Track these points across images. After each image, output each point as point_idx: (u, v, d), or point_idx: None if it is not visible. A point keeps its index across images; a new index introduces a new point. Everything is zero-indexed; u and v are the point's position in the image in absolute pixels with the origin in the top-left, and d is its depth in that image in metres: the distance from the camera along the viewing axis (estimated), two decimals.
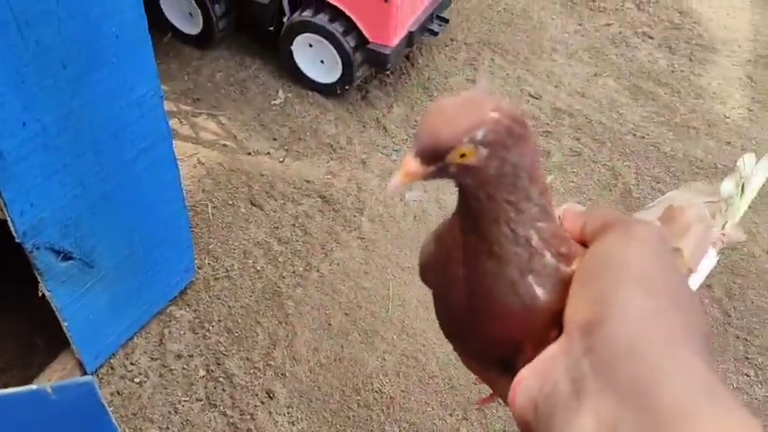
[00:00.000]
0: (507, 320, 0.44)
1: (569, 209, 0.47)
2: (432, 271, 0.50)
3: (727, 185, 0.79)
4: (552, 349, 0.40)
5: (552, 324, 0.43)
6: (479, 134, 0.39)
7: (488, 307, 0.45)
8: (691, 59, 2.99)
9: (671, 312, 0.37)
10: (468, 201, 0.43)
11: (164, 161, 1.60)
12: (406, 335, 1.90)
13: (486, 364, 0.50)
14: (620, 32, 3.11)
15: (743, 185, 0.79)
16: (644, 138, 2.58)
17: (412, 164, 0.40)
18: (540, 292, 0.43)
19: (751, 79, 2.93)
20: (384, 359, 1.85)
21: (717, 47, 3.08)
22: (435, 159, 0.40)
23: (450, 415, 1.75)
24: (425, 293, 1.98)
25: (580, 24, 3.14)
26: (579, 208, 0.47)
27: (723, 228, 0.77)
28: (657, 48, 3.05)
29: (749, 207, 0.81)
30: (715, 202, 0.77)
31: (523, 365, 0.42)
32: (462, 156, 0.39)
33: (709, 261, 0.74)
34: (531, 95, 2.71)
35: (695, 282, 0.71)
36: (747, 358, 1.93)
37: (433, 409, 1.76)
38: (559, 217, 0.46)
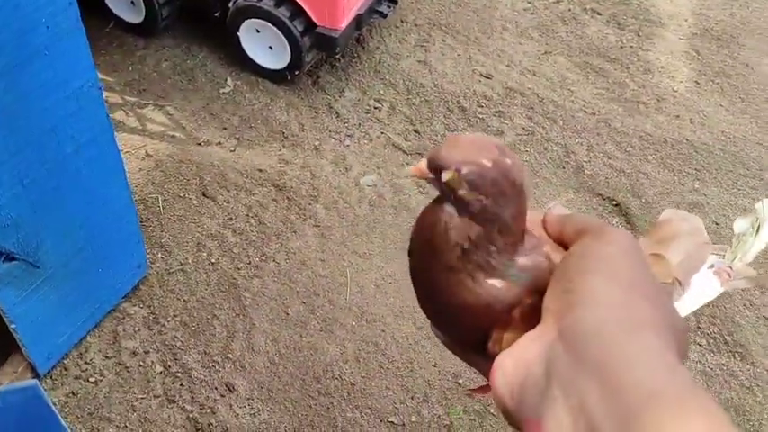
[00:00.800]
0: (466, 311, 0.48)
1: (551, 212, 0.51)
2: (411, 254, 0.54)
3: (742, 223, 0.83)
4: (529, 335, 0.43)
5: (513, 305, 0.47)
6: (464, 169, 0.44)
7: (446, 301, 0.49)
8: (639, 35, 3.02)
9: (637, 302, 0.40)
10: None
11: (107, 155, 1.55)
12: (365, 321, 1.89)
13: (466, 348, 0.53)
14: (570, 9, 3.13)
15: (758, 227, 0.82)
16: (595, 114, 2.61)
17: (423, 164, 0.47)
18: (494, 285, 0.47)
19: (697, 53, 2.98)
20: (344, 346, 1.84)
21: (664, 21, 3.12)
22: (433, 172, 0.46)
23: (412, 398, 1.75)
24: (383, 279, 1.98)
25: (529, 2, 3.14)
26: (562, 211, 0.51)
27: (732, 262, 0.79)
28: (606, 24, 3.07)
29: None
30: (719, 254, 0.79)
31: (495, 346, 0.47)
32: (451, 180, 0.45)
33: (712, 290, 0.76)
34: (483, 75, 2.71)
35: (690, 304, 0.73)
36: (700, 328, 1.97)
37: (393, 392, 1.76)
38: (544, 218, 0.51)
